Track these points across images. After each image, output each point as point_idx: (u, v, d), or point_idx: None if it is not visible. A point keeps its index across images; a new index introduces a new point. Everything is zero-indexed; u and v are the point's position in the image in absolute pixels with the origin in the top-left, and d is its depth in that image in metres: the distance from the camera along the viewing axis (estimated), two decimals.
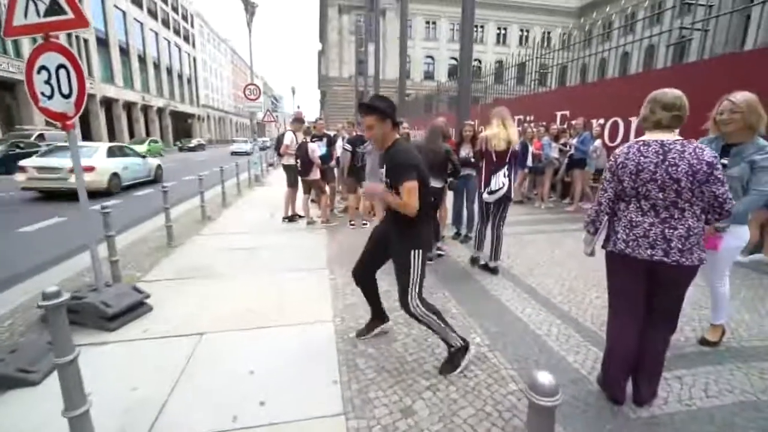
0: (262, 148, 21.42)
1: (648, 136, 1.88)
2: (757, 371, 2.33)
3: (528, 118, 9.91)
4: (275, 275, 3.96)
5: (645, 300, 1.96)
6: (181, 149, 34.12)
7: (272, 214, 6.82)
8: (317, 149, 5.57)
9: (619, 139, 6.99)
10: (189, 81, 47.08)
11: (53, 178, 8.31)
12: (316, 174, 5.71)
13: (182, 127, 45.63)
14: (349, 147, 5.84)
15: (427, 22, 39.83)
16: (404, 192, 2.05)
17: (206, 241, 5.27)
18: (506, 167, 3.75)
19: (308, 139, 6.04)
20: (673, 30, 6.56)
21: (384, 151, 2.24)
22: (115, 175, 9.43)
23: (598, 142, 6.98)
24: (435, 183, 3.88)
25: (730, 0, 5.88)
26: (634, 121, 6.63)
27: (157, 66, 37.77)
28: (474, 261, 4.24)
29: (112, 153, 9.81)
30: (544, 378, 0.93)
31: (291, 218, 6.18)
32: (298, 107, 39.06)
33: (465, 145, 5.02)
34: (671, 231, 1.80)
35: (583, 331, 2.82)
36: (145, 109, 35.68)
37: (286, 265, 4.24)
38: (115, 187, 9.44)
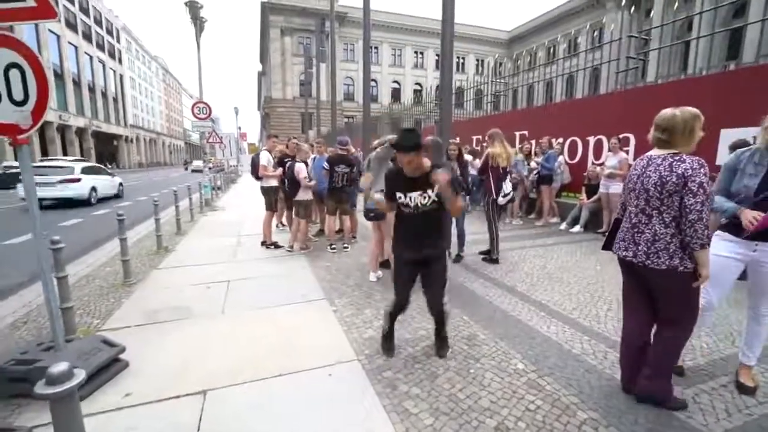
0: (218, 170, 20.10)
1: (650, 152, 2.02)
2: None
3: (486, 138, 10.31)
4: (267, 311, 3.49)
5: (646, 301, 2.09)
6: None
7: (239, 241, 6.23)
8: (303, 170, 5.14)
9: (578, 156, 7.47)
10: (115, 99, 43.15)
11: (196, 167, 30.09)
12: (305, 195, 5.25)
13: (108, 149, 41.49)
14: (327, 166, 5.52)
15: (371, 47, 40.92)
16: (459, 199, 2.34)
17: (170, 275, 4.57)
18: (508, 176, 4.79)
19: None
20: (620, 59, 7.25)
21: (424, 173, 2.35)
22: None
23: (561, 158, 7.41)
24: None
25: (668, 35, 6.61)
26: (592, 140, 7.15)
27: (77, 83, 34.15)
28: (490, 259, 4.85)
29: None
30: None
31: (275, 244, 5.66)
32: (239, 128, 37.46)
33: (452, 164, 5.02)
34: (639, 235, 1.97)
35: (614, 346, 2.75)
36: (63, 129, 31.94)
37: (276, 298, 3.76)
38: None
